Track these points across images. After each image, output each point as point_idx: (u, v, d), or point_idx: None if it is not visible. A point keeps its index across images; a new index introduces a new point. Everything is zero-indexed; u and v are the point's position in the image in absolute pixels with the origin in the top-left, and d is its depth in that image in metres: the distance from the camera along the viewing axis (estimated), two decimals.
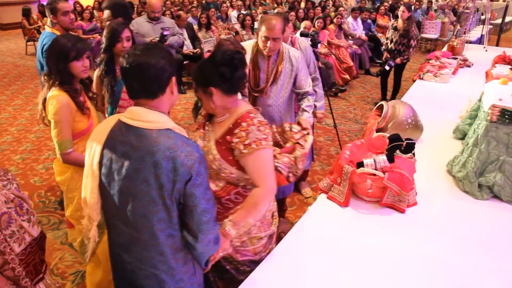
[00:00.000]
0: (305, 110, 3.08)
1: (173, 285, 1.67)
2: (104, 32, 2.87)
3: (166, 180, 1.49)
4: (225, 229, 1.83)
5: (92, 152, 1.63)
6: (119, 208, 1.62)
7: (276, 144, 2.36)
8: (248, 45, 3.11)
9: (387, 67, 6.33)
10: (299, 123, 2.55)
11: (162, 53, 1.57)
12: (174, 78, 1.62)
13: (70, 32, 3.30)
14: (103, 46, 2.87)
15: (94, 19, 9.76)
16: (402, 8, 6.11)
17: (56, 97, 2.34)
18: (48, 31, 3.51)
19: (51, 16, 3.39)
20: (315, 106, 3.76)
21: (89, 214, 1.70)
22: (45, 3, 3.49)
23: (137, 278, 1.70)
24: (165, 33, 5.40)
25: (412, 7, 8.16)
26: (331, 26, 8.15)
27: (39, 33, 10.74)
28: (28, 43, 11.07)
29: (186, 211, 1.56)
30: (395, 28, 6.13)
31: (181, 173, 1.48)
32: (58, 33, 3.36)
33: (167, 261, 1.62)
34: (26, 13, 11.22)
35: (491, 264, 2.05)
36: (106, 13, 3.63)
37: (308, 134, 2.42)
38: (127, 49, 2.75)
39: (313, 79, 3.74)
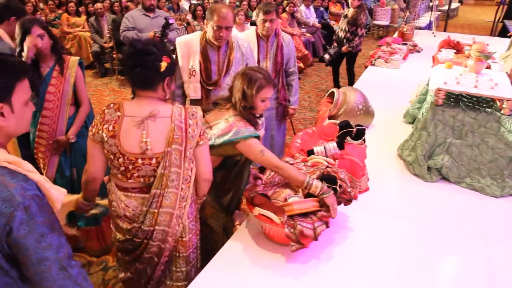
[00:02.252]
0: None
1: None
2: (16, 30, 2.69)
3: None
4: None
5: None
6: None
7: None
8: (194, 38, 3.02)
9: (326, 56, 6.40)
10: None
11: None
12: (4, 105, 1.29)
13: None
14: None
15: (38, 13, 9.29)
16: None
17: None
18: None
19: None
20: (288, 101, 3.75)
21: None
22: None
23: None
24: (171, 21, 5.06)
25: None
26: (284, 15, 8.12)
27: None
28: None
29: (21, 263, 1.32)
30: (345, 16, 6.15)
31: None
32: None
33: None
34: None
35: (446, 242, 2.10)
36: None
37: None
38: (41, 46, 2.66)
39: (291, 73, 3.76)
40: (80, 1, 9.62)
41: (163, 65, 1.78)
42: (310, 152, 2.45)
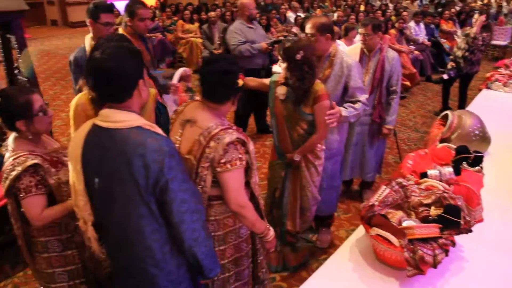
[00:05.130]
0: (345, 107, 2.87)
1: (164, 278, 1.67)
2: None
3: (140, 177, 1.51)
4: None
5: (73, 156, 1.66)
6: (102, 209, 1.68)
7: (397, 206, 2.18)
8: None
9: (445, 76, 6.10)
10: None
11: (126, 57, 1.56)
12: (141, 81, 1.60)
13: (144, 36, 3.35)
14: None
15: (157, 18, 10.06)
16: (478, 16, 5.81)
17: None
18: (120, 33, 3.43)
19: (127, 18, 3.34)
20: (384, 119, 3.68)
21: (82, 216, 1.73)
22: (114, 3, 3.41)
23: (130, 275, 1.72)
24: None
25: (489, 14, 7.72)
26: (392, 31, 7.94)
27: None
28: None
29: (166, 206, 1.58)
30: (467, 35, 5.81)
31: (152, 169, 1.50)
32: (127, 36, 3.24)
33: (154, 255, 1.63)
34: None
35: None
36: None
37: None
38: None
39: (392, 92, 3.66)
40: (195, 9, 10.22)
41: (240, 82, 1.91)
42: (423, 175, 2.39)
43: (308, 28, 2.83)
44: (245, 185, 2.09)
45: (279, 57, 2.68)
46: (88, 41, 2.99)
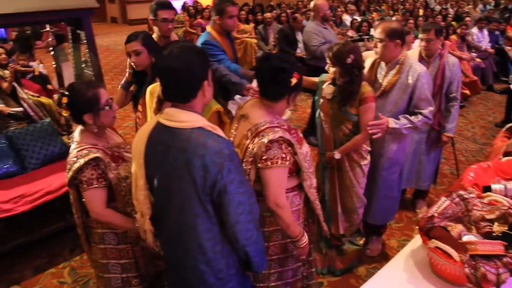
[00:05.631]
0: (399, 118, 2.75)
1: (213, 275, 1.69)
2: None
3: (198, 177, 1.54)
4: None
5: (137, 150, 1.71)
6: (160, 204, 1.73)
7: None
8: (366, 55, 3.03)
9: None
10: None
11: (193, 58, 1.58)
12: (206, 82, 1.62)
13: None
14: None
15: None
16: None
17: None
18: (207, 30, 3.51)
19: (216, 16, 3.37)
20: (444, 127, 3.56)
21: (140, 209, 1.78)
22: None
23: (181, 270, 1.76)
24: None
25: None
26: (453, 37, 7.64)
27: None
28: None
29: (222, 207, 1.60)
30: None
31: (211, 171, 1.53)
32: (214, 34, 3.37)
33: (205, 253, 1.66)
34: None
35: None
36: None
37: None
38: (134, 62, 2.70)
39: (452, 99, 3.52)
40: (250, 9, 10.30)
41: (293, 81, 1.89)
42: (486, 189, 2.28)
43: (377, 33, 2.76)
44: (298, 187, 2.09)
45: (328, 60, 2.67)
46: (155, 38, 3.11)
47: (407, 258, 2.09)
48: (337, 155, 2.70)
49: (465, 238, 1.89)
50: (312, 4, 4.98)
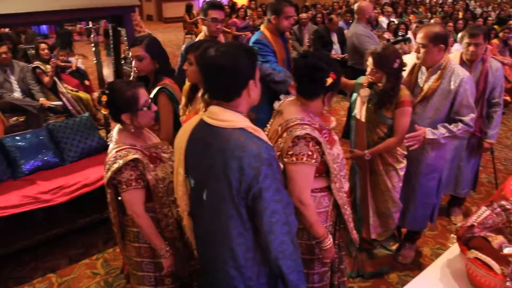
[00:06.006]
0: (438, 127, 2.67)
1: (242, 282, 1.65)
2: None
3: (234, 179, 1.50)
4: None
5: (179, 146, 1.71)
6: (196, 201, 1.71)
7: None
8: (410, 57, 2.97)
9: None
10: None
11: (240, 56, 1.54)
12: (251, 82, 1.59)
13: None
14: None
15: (247, 18, 10.27)
16: None
17: None
18: (260, 29, 3.50)
19: (272, 16, 3.32)
20: (485, 133, 3.47)
21: (180, 204, 1.79)
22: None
23: (211, 272, 1.73)
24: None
25: None
26: (495, 41, 7.38)
27: (197, 27, 11.70)
28: (186, 36, 12.10)
29: (256, 213, 1.55)
30: None
31: (247, 174, 1.48)
32: (267, 33, 3.35)
33: (237, 258, 1.61)
34: (188, 9, 12.30)
35: None
36: None
37: None
38: (136, 67, 2.60)
39: (494, 104, 3.42)
40: None
41: (329, 80, 1.86)
42: None
43: (420, 37, 2.68)
44: (327, 189, 2.06)
45: (371, 65, 2.60)
46: (201, 37, 3.18)
47: (443, 268, 2.04)
48: (367, 156, 2.66)
49: (506, 250, 1.83)
50: (356, 6, 4.91)
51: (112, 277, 3.13)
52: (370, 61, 2.59)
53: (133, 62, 2.62)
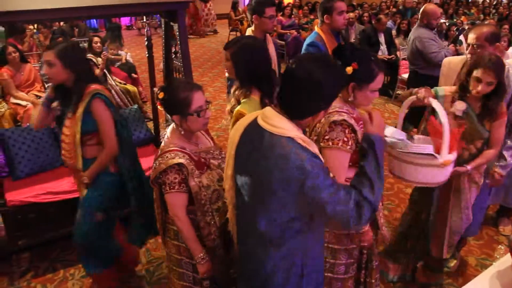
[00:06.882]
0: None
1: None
2: None
3: (278, 188, 1.48)
4: None
5: (232, 140, 1.70)
6: (238, 199, 1.71)
7: None
8: (457, 60, 2.88)
9: None
10: None
11: (339, 83, 1.56)
12: (323, 112, 1.59)
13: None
14: None
15: (293, 16, 10.23)
16: None
17: None
18: (315, 31, 3.42)
19: (324, 16, 3.27)
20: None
21: (227, 196, 1.80)
22: None
23: (245, 271, 1.76)
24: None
25: None
26: None
27: (242, 24, 11.77)
28: (231, 33, 12.22)
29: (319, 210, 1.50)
30: None
31: (292, 185, 1.46)
32: (322, 35, 3.30)
33: (267, 267, 1.61)
34: (234, 6, 12.40)
35: None
36: None
37: None
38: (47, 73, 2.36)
39: None
40: None
41: (349, 69, 1.83)
42: None
43: (473, 38, 2.60)
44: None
45: (478, 75, 2.31)
46: (249, 34, 3.19)
47: (493, 279, 1.98)
48: (469, 171, 2.46)
49: None
50: (422, 9, 4.71)
51: (153, 266, 3.22)
52: (482, 72, 2.29)
53: (43, 68, 2.38)
